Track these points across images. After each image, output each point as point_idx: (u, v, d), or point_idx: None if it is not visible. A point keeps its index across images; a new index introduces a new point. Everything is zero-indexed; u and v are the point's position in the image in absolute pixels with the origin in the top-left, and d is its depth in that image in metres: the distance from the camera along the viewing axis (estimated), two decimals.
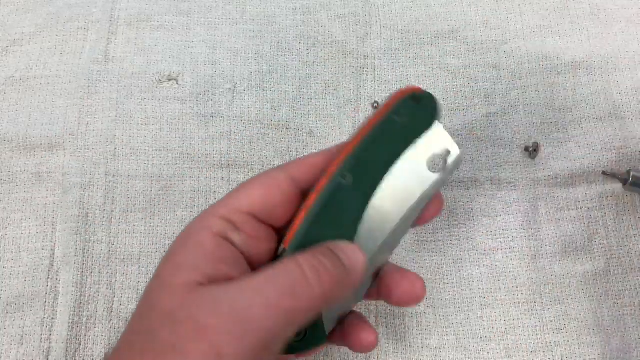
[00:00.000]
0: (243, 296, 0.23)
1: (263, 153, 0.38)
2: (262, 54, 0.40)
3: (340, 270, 0.25)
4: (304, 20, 0.41)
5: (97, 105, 0.39)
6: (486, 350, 0.34)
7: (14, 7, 0.42)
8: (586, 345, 0.34)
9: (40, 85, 0.39)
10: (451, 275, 0.36)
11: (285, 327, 0.23)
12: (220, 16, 0.41)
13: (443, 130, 0.28)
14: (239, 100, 0.39)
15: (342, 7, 0.42)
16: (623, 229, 0.36)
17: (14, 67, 0.40)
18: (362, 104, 0.39)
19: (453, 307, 0.35)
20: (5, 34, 0.40)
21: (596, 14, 0.41)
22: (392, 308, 0.35)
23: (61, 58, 0.40)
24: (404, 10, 0.42)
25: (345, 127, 0.39)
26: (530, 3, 0.42)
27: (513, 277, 0.36)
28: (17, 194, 0.37)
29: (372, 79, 0.40)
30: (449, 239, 0.37)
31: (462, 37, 0.41)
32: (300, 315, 0.23)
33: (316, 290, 0.23)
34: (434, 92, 0.40)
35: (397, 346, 0.34)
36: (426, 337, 0.35)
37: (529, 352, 0.34)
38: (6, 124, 0.38)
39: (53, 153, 0.38)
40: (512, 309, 0.35)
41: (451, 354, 0.34)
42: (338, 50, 0.41)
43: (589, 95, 0.39)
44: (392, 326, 0.35)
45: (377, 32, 0.41)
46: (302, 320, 0.24)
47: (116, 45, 0.40)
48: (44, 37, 0.40)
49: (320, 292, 0.23)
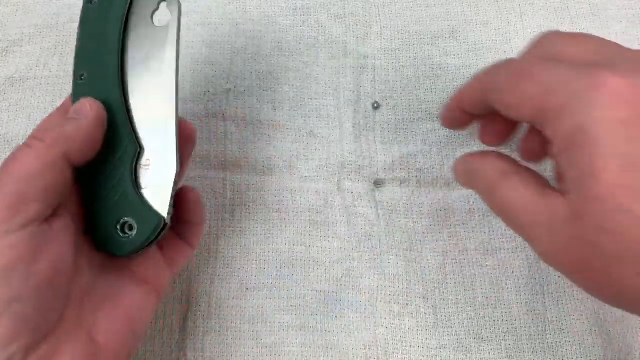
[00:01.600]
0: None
1: (263, 153, 0.38)
2: (261, 54, 0.40)
3: (63, 123, 0.27)
4: (304, 20, 0.41)
5: None
6: (487, 351, 0.34)
7: (14, 7, 0.42)
8: (588, 346, 0.34)
9: (40, 85, 0.39)
10: (453, 274, 0.36)
11: (23, 186, 0.25)
12: (220, 16, 0.41)
13: None
14: (239, 100, 0.39)
15: (341, 7, 0.42)
16: None
17: (13, 67, 0.40)
18: (362, 104, 0.39)
19: (455, 307, 0.35)
20: (5, 34, 0.40)
21: (596, 14, 0.41)
22: (392, 308, 0.35)
23: (61, 58, 0.40)
24: (403, 10, 0.42)
25: (345, 127, 0.39)
26: (530, 3, 0.42)
27: (515, 277, 0.36)
28: None
29: (372, 79, 0.40)
30: (451, 239, 0.37)
31: (462, 37, 0.41)
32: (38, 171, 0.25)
33: (38, 145, 0.26)
34: (434, 92, 0.40)
35: (397, 346, 0.34)
36: (427, 337, 0.34)
37: (530, 352, 0.34)
38: (6, 124, 0.38)
39: None
40: (514, 309, 0.35)
41: (452, 354, 0.34)
42: (338, 50, 0.41)
43: None
44: (392, 326, 0.35)
45: (376, 32, 0.41)
46: (47, 175, 0.26)
47: None
48: (44, 37, 0.40)
49: (43, 145, 0.26)
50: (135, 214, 0.28)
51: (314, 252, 0.36)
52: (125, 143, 0.29)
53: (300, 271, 0.36)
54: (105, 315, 0.28)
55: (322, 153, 0.38)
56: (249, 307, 0.35)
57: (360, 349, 0.34)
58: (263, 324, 0.35)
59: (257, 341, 0.35)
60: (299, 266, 0.36)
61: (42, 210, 0.25)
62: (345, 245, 0.36)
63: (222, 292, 0.36)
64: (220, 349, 0.34)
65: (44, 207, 0.25)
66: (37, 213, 0.25)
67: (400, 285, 0.36)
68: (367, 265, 0.36)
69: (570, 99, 0.22)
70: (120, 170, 0.29)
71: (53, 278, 0.25)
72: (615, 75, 0.21)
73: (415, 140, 0.39)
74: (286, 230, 0.37)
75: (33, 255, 0.24)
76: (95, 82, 0.29)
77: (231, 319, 0.35)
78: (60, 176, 0.26)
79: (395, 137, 0.39)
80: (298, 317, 0.35)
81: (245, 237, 0.37)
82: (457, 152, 0.38)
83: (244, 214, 0.37)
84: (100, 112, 0.28)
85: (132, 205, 0.28)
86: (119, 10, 0.30)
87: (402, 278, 0.36)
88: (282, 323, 0.35)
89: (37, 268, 0.24)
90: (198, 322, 0.35)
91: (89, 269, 0.29)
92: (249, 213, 0.37)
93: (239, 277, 0.36)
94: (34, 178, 0.25)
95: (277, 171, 0.38)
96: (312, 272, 0.36)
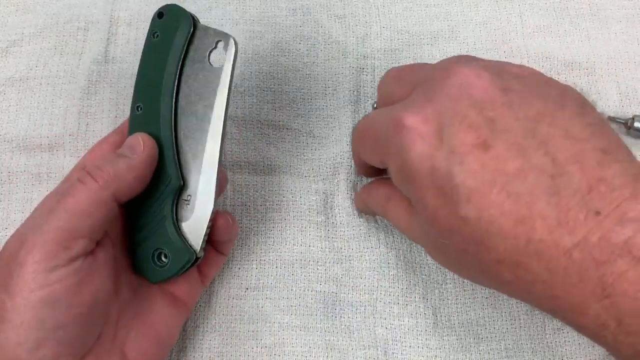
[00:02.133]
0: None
1: (263, 153, 0.38)
2: (262, 55, 0.40)
3: (117, 161, 0.28)
4: (304, 20, 0.41)
5: (97, 105, 0.39)
6: (487, 351, 0.34)
7: (14, 7, 0.42)
8: (587, 346, 0.34)
9: (40, 86, 0.39)
10: (453, 275, 0.36)
11: (74, 224, 0.26)
12: (220, 16, 0.41)
13: (207, 27, 0.30)
14: (239, 100, 0.39)
15: (341, 7, 0.42)
16: None
17: (14, 68, 0.40)
18: (362, 104, 0.39)
19: (455, 307, 0.35)
20: (5, 34, 0.40)
21: (596, 14, 0.41)
22: (391, 308, 0.35)
23: (61, 58, 0.40)
24: (403, 11, 0.42)
25: (345, 127, 0.39)
26: (530, 3, 0.42)
27: None
28: (17, 194, 0.37)
29: (372, 79, 0.40)
30: None
31: (461, 38, 0.41)
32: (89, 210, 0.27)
33: (92, 184, 0.27)
34: None
35: (397, 347, 0.34)
36: (426, 337, 0.34)
37: (530, 352, 0.34)
38: (6, 125, 0.38)
39: (53, 153, 0.38)
40: (514, 308, 0.35)
41: (451, 355, 0.34)
42: (338, 50, 0.41)
43: (588, 95, 0.39)
44: (392, 327, 0.35)
45: (376, 32, 0.41)
46: (96, 214, 0.27)
47: (116, 45, 0.40)
48: (44, 37, 0.40)
49: (96, 185, 0.27)
50: (171, 247, 0.30)
51: (314, 252, 0.36)
52: (171, 177, 0.30)
53: (301, 271, 0.36)
54: (136, 334, 0.30)
55: (322, 153, 0.38)
56: (249, 307, 0.35)
57: (360, 350, 0.34)
58: (263, 324, 0.35)
59: (257, 341, 0.35)
60: (299, 266, 0.36)
61: (89, 245, 0.27)
62: (346, 245, 0.36)
63: (222, 292, 0.36)
64: (220, 349, 0.35)
65: (90, 243, 0.27)
66: (84, 249, 0.27)
67: (400, 286, 0.36)
68: (367, 266, 0.36)
69: (390, 146, 0.26)
70: (163, 202, 0.30)
71: (94, 307, 0.27)
72: (409, 115, 0.25)
73: None
74: (286, 230, 0.37)
75: (77, 288, 0.26)
76: (150, 115, 0.30)
77: (231, 319, 0.35)
78: (108, 214, 0.28)
79: None
80: (298, 317, 0.35)
81: (245, 237, 0.37)
82: None
83: (244, 214, 0.37)
84: (152, 152, 0.29)
85: (170, 237, 0.30)
86: (178, 46, 0.30)
87: (402, 278, 0.36)
88: (282, 323, 0.35)
89: (80, 299, 0.26)
90: (198, 322, 0.35)
91: (126, 289, 0.31)
92: (249, 213, 0.37)
93: (239, 277, 0.36)
94: (84, 216, 0.27)
95: (277, 171, 0.38)
96: (312, 272, 0.36)
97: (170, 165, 0.30)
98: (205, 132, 0.30)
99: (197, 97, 0.30)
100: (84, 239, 0.27)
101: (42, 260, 0.25)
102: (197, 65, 0.30)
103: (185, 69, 0.30)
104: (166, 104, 0.30)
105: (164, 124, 0.30)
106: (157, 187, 0.30)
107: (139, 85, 0.31)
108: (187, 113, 0.30)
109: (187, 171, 0.30)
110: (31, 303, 0.25)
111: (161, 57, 0.30)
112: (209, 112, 0.30)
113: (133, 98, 0.31)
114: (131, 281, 0.31)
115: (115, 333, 0.29)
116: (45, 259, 0.25)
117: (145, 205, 0.31)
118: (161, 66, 0.30)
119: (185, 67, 0.30)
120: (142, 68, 0.31)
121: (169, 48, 0.30)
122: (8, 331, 0.25)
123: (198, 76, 0.30)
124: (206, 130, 0.30)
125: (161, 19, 0.31)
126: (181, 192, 0.30)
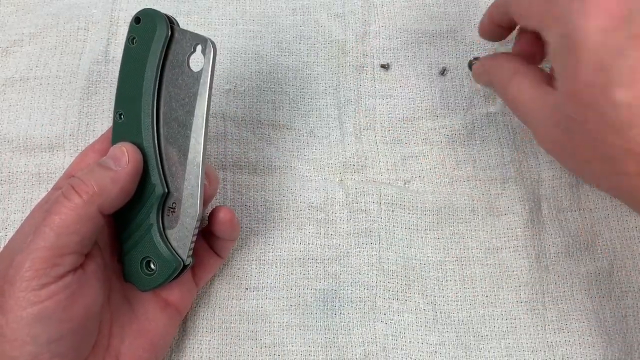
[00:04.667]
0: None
1: (263, 153, 0.38)
2: (262, 54, 0.40)
3: (101, 174, 0.28)
4: (304, 20, 0.41)
5: (97, 105, 0.39)
6: (487, 349, 0.34)
7: (14, 7, 0.42)
8: (588, 346, 0.34)
9: (40, 86, 0.39)
10: (454, 273, 0.36)
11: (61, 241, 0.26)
12: (220, 16, 0.41)
13: (185, 31, 0.30)
14: (239, 100, 0.39)
15: (341, 6, 0.42)
16: (627, 230, 0.36)
17: (14, 68, 0.40)
18: (362, 103, 0.39)
19: (455, 304, 0.35)
20: (5, 34, 0.41)
21: None
22: (391, 304, 0.35)
23: (61, 58, 0.40)
24: (402, 10, 0.42)
25: (345, 127, 0.39)
26: None
27: (516, 276, 0.36)
28: (17, 194, 0.37)
29: (372, 78, 0.40)
30: (452, 237, 0.37)
31: (460, 37, 0.41)
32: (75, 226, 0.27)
33: (77, 200, 0.27)
34: (433, 92, 0.40)
35: (397, 342, 0.34)
36: (426, 333, 0.34)
37: (530, 351, 0.34)
38: (6, 124, 0.38)
39: (53, 153, 0.38)
40: (514, 308, 0.35)
41: (451, 351, 0.34)
42: (338, 49, 0.41)
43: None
44: (391, 322, 0.35)
45: (376, 32, 0.41)
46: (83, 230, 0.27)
47: (116, 45, 0.40)
48: (44, 37, 0.40)
49: (81, 200, 0.27)
50: (158, 255, 0.30)
51: (313, 250, 0.36)
52: (155, 186, 0.30)
53: (300, 270, 0.36)
54: (130, 342, 0.30)
55: (322, 153, 0.38)
56: (249, 307, 0.35)
57: (359, 346, 0.34)
58: (263, 324, 0.35)
59: (257, 341, 0.35)
60: (298, 265, 0.36)
61: (78, 260, 0.27)
62: (345, 242, 0.36)
63: (222, 292, 0.36)
64: (220, 349, 0.34)
65: (79, 258, 0.27)
66: (72, 265, 0.27)
67: (399, 282, 0.35)
68: (366, 262, 0.36)
69: (563, 10, 0.25)
70: (148, 211, 0.30)
71: (86, 319, 0.27)
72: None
73: (417, 140, 0.39)
74: (286, 230, 0.37)
75: (68, 302, 0.26)
76: (131, 123, 0.30)
77: (231, 319, 0.35)
78: (95, 228, 0.28)
79: (396, 137, 0.39)
80: (297, 316, 0.35)
81: (245, 237, 0.37)
82: (458, 151, 0.38)
83: (244, 214, 0.37)
84: (137, 165, 0.29)
85: (156, 245, 0.30)
86: (156, 52, 0.30)
87: (402, 274, 0.36)
88: (282, 323, 0.35)
89: (72, 313, 0.26)
90: (198, 322, 0.35)
91: (117, 296, 0.31)
92: (249, 213, 0.37)
93: (239, 277, 0.36)
94: (71, 233, 0.27)
95: (277, 171, 0.38)
96: (312, 270, 0.36)
97: (154, 173, 0.30)
98: (187, 138, 0.30)
99: (177, 102, 0.30)
100: (72, 254, 0.27)
101: (32, 278, 0.25)
102: (176, 70, 0.30)
103: (164, 75, 0.30)
104: (147, 111, 0.30)
105: (145, 131, 0.30)
106: (142, 196, 0.30)
107: (119, 92, 0.31)
108: (168, 119, 0.30)
109: (171, 178, 0.30)
110: (24, 320, 0.25)
111: (140, 64, 0.30)
112: (190, 117, 0.29)
113: (114, 105, 0.31)
114: (122, 288, 0.31)
115: (109, 341, 0.29)
116: (34, 277, 0.25)
117: (131, 214, 0.30)
118: (140, 73, 0.30)
119: (164, 73, 0.30)
120: (121, 75, 0.31)
121: (147, 54, 0.30)
122: (4, 345, 0.25)
123: (177, 81, 0.30)
124: (188, 136, 0.30)
125: (138, 24, 0.30)
126: (166, 199, 0.30)
